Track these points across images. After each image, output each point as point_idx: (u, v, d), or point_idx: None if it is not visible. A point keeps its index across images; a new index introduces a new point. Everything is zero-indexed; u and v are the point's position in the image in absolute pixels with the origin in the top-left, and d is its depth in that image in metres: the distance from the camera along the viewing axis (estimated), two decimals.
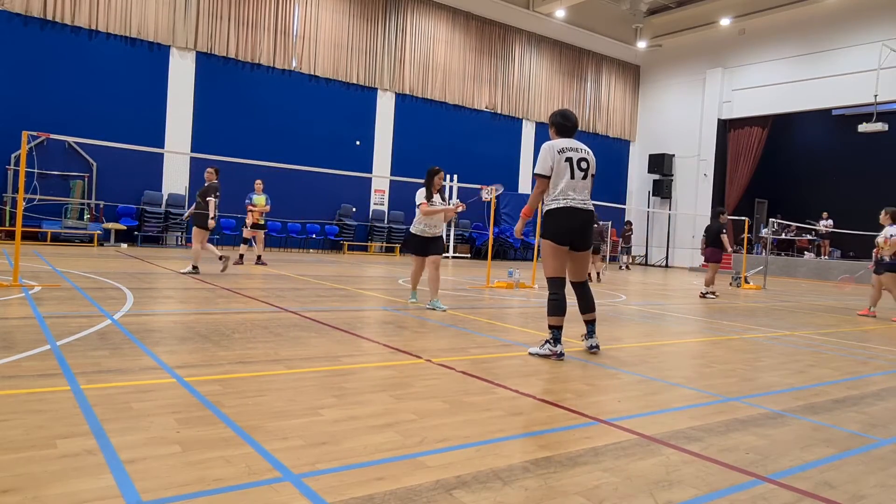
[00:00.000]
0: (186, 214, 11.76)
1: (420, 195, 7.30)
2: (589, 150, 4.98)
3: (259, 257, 12.88)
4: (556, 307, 4.71)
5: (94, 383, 3.29)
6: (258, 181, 12.99)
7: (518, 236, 5.47)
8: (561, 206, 4.75)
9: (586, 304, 5.02)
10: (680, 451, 2.80)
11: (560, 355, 4.64)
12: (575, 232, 4.78)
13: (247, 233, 13.04)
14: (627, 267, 23.45)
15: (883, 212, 9.85)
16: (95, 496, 2.00)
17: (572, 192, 4.76)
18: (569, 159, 4.78)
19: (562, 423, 3.13)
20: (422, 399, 3.40)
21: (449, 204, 7.40)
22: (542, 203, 5.04)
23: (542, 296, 9.89)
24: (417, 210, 7.27)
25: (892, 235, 9.58)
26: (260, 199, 12.81)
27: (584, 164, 4.84)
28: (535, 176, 4.86)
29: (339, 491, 2.16)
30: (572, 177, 4.77)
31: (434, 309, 7.13)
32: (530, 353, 4.78)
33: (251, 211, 12.78)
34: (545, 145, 4.87)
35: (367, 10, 21.16)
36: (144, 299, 6.68)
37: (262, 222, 12.97)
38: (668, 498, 2.28)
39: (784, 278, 21.41)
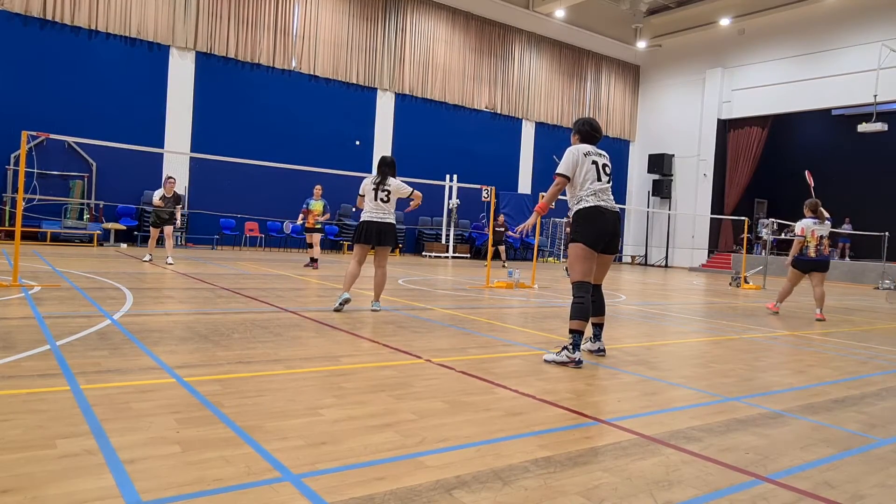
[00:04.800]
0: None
1: (406, 186, 6.96)
2: (609, 157, 4.99)
3: (314, 260, 12.93)
4: (581, 311, 4.59)
5: (94, 383, 3.29)
6: (318, 186, 13.09)
7: (518, 234, 5.42)
8: (592, 205, 4.71)
9: (599, 308, 4.97)
10: (680, 451, 2.80)
11: (579, 363, 4.47)
12: (608, 235, 4.74)
13: (307, 237, 13.19)
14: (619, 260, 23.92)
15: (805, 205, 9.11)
16: (95, 496, 2.00)
17: (601, 193, 4.75)
18: (594, 162, 4.79)
19: (562, 423, 3.13)
20: (422, 399, 3.40)
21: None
22: (569, 206, 4.98)
23: (543, 296, 9.91)
24: (415, 196, 6.98)
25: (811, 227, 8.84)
26: (317, 205, 12.95)
27: (607, 170, 4.86)
28: (557, 175, 4.79)
29: (339, 491, 2.16)
30: (598, 178, 4.77)
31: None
32: (545, 360, 4.60)
33: (306, 214, 12.91)
34: (570, 149, 4.86)
35: (367, 9, 21.16)
36: (144, 299, 6.68)
37: (319, 226, 13.06)
38: (668, 498, 2.28)
39: (784, 278, 21.40)
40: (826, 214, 9.27)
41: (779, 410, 3.64)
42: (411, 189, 6.99)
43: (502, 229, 18.41)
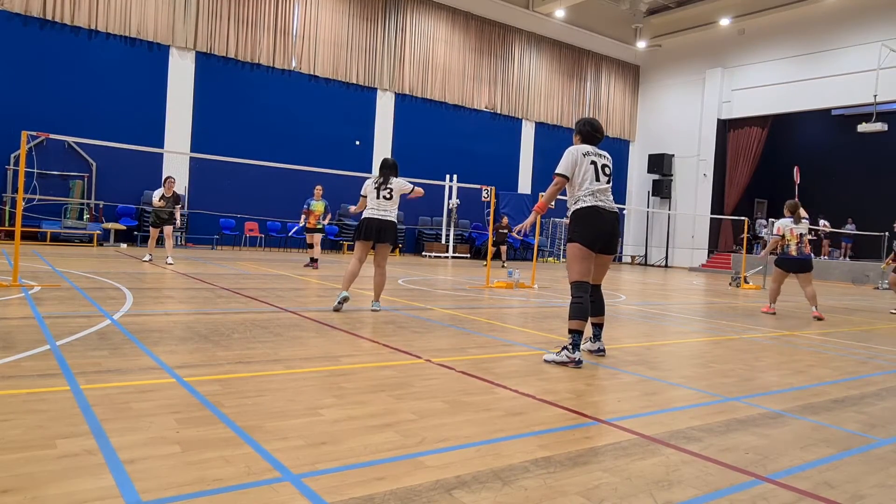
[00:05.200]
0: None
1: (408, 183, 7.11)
2: (610, 158, 4.96)
3: (314, 260, 12.90)
4: (580, 311, 4.57)
5: (94, 383, 3.29)
6: (318, 187, 13.12)
7: (516, 233, 5.41)
8: (589, 205, 4.69)
9: (598, 308, 4.96)
10: (680, 451, 2.80)
11: (578, 363, 4.46)
12: (605, 235, 4.71)
13: (308, 238, 13.19)
14: None
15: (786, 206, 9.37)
16: (95, 496, 2.00)
17: (599, 193, 4.72)
18: (593, 162, 4.77)
19: (562, 423, 3.13)
20: (422, 399, 3.40)
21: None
22: (567, 205, 4.96)
23: (543, 296, 9.91)
24: (416, 191, 7.09)
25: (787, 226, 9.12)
26: (318, 205, 13.02)
27: (607, 171, 4.83)
28: (556, 175, 4.77)
29: (339, 491, 2.16)
30: (597, 179, 4.75)
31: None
32: (545, 360, 4.60)
33: (307, 214, 12.92)
34: (569, 149, 4.84)
35: (367, 9, 21.16)
36: (144, 299, 6.68)
37: (319, 227, 13.09)
38: (668, 498, 2.28)
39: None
40: (804, 214, 9.49)
41: (779, 410, 3.64)
42: (413, 186, 7.08)
43: (506, 231, 18.43)
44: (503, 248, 18.49)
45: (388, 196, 6.83)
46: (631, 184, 29.44)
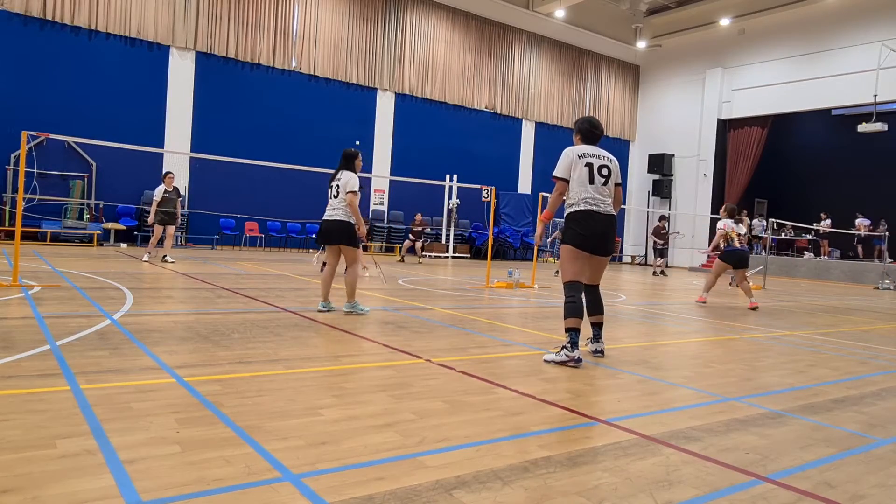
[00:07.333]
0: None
1: (356, 181, 6.43)
2: (612, 158, 4.90)
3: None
4: (573, 309, 4.60)
5: (94, 383, 3.29)
6: None
7: (538, 242, 5.47)
8: (581, 209, 4.69)
9: (596, 308, 4.99)
10: (680, 451, 2.80)
11: (578, 361, 4.46)
12: (597, 237, 4.71)
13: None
14: (663, 272, 19.25)
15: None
16: (95, 496, 2.00)
17: (592, 197, 4.71)
18: (589, 164, 4.74)
19: (562, 423, 3.13)
20: (422, 399, 3.40)
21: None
22: (564, 206, 4.95)
23: (543, 296, 9.91)
24: (347, 197, 6.32)
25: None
26: None
27: (605, 171, 4.78)
28: (554, 179, 4.79)
29: (339, 491, 2.16)
30: (591, 181, 4.72)
31: (356, 313, 6.53)
32: (545, 361, 4.61)
33: None
34: (566, 150, 4.83)
35: (367, 9, 21.16)
36: (144, 299, 6.68)
37: None
38: (668, 498, 2.28)
39: (784, 278, 21.42)
40: (743, 218, 10.67)
41: (779, 410, 3.64)
42: (355, 189, 6.36)
43: (420, 228, 17.99)
44: (417, 245, 17.67)
45: (335, 194, 6.46)
46: (631, 184, 29.41)
